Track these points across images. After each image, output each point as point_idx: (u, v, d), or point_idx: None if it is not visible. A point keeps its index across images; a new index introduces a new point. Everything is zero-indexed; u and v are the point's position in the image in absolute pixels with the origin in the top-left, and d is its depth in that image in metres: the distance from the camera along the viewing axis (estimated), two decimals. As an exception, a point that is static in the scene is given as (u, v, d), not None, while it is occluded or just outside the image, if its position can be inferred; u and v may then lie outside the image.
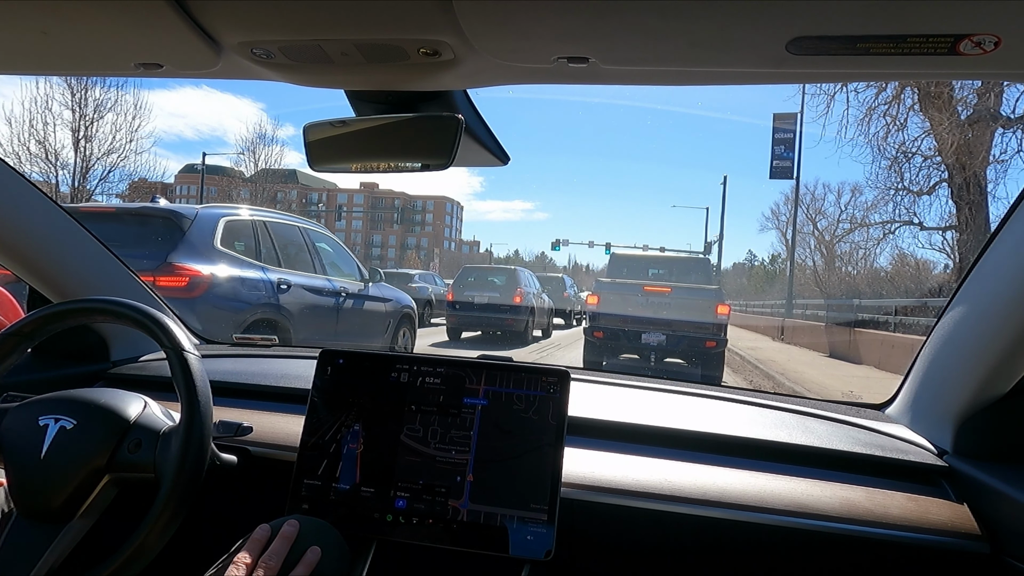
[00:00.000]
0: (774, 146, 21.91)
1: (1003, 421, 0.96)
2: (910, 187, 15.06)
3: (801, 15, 0.56)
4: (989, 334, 0.91)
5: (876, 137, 14.42)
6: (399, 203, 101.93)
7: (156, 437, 0.86)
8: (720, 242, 32.67)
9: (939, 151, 13.38)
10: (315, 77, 0.80)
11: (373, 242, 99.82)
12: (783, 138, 21.69)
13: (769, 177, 22.11)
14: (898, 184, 15.20)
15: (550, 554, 0.87)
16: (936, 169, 14.30)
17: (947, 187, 14.02)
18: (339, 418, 0.98)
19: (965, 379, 0.97)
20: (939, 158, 13.69)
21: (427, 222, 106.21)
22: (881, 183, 15.89)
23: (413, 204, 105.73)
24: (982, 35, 0.56)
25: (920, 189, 14.95)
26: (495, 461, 0.93)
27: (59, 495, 0.82)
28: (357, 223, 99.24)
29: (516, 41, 0.66)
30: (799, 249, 28.01)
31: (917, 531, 0.88)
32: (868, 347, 10.55)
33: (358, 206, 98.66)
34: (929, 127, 13.34)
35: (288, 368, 1.32)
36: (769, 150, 21.89)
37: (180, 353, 0.87)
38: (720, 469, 0.99)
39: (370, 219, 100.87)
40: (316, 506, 0.94)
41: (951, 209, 14.32)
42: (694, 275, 8.62)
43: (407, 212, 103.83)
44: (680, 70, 0.71)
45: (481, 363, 0.99)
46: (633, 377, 1.33)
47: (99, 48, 0.75)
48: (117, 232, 4.28)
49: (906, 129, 14.22)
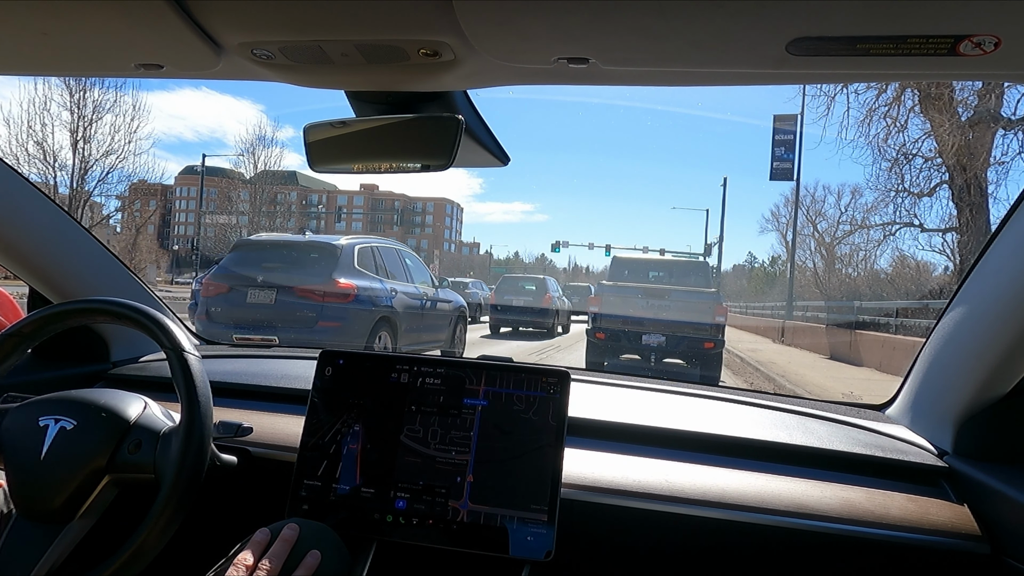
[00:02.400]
0: (774, 147, 21.80)
1: (1003, 422, 0.96)
2: (910, 189, 15.04)
3: (801, 16, 0.56)
4: (989, 335, 0.91)
5: (876, 138, 14.44)
6: (399, 205, 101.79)
7: (156, 438, 0.86)
8: (720, 244, 32.48)
9: (940, 152, 13.37)
10: (315, 78, 0.80)
11: None
12: (783, 140, 21.60)
13: (769, 179, 22.05)
14: (898, 186, 15.21)
15: (550, 555, 0.87)
16: (937, 171, 14.30)
17: (948, 189, 14.00)
18: (339, 419, 0.98)
19: (965, 380, 0.97)
20: (940, 160, 13.67)
21: (427, 224, 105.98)
22: (881, 185, 15.91)
23: (413, 206, 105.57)
24: (982, 36, 0.56)
25: (920, 191, 14.93)
26: (495, 462, 0.93)
27: (59, 496, 0.82)
28: (357, 225, 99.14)
29: (516, 42, 0.66)
30: (799, 251, 27.91)
31: (917, 532, 0.88)
32: (869, 349, 10.54)
33: (358, 207, 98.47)
34: (930, 128, 13.33)
35: (288, 369, 1.32)
36: (769, 152, 21.80)
37: (180, 354, 0.87)
38: (720, 470, 0.99)
39: (370, 221, 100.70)
40: (316, 507, 0.94)
41: (952, 211, 14.31)
42: (693, 278, 8.82)
43: (407, 214, 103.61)
44: (680, 71, 0.71)
45: (481, 364, 0.99)
46: (633, 378, 1.33)
47: (99, 49, 0.75)
48: (290, 258, 6.51)
49: (907, 130, 14.23)
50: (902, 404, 1.18)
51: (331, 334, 5.86)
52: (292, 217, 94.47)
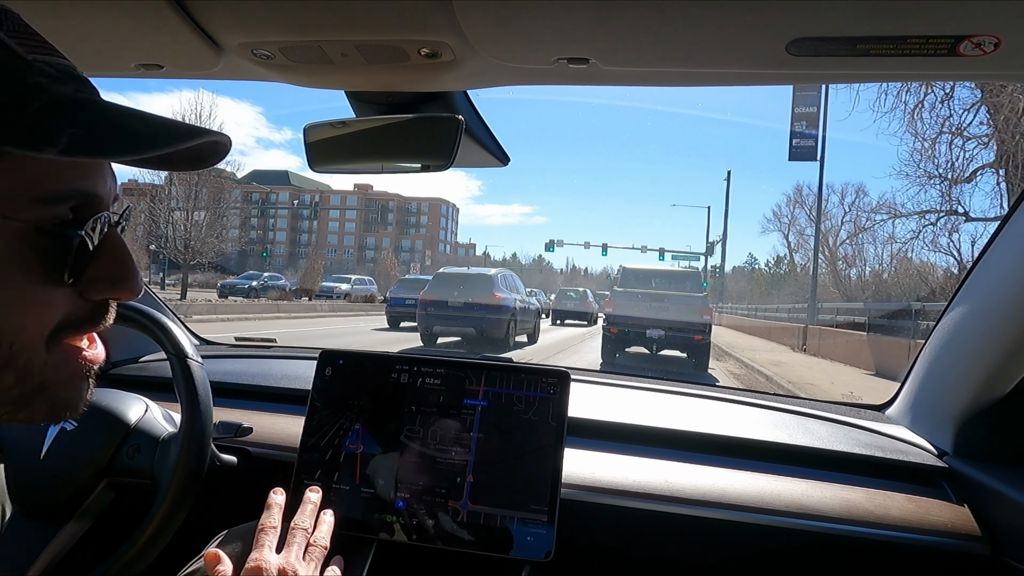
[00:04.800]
0: (794, 122, 18.15)
1: (1003, 422, 0.96)
2: (952, 174, 13.20)
3: (801, 16, 0.56)
4: (989, 335, 0.91)
5: (918, 110, 12.68)
6: (394, 204, 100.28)
7: (155, 443, 0.86)
8: (724, 241, 31.59)
9: (992, 120, 11.77)
10: (315, 78, 0.80)
11: (367, 244, 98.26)
12: (804, 112, 18.03)
13: (788, 159, 18.77)
14: (940, 171, 13.33)
15: (550, 555, 0.87)
16: (985, 149, 12.55)
17: (992, 173, 12.36)
18: (339, 419, 0.98)
19: (965, 380, 0.97)
20: (988, 137, 11.93)
21: (422, 224, 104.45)
22: (917, 169, 13.97)
23: (408, 206, 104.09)
24: (982, 36, 0.56)
25: (958, 176, 13.13)
26: (495, 462, 0.93)
27: (57, 496, 0.82)
28: (350, 225, 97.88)
29: (516, 42, 0.66)
30: (806, 250, 27.19)
31: (917, 532, 0.88)
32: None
33: (351, 207, 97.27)
34: (980, 97, 11.72)
35: (288, 369, 1.32)
36: (788, 128, 18.15)
37: (183, 359, 0.86)
38: (720, 470, 0.99)
39: (364, 221, 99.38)
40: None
41: (1002, 192, 12.51)
42: (688, 284, 11.33)
43: (402, 214, 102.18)
44: (680, 71, 0.71)
45: (481, 364, 0.99)
46: (633, 378, 1.33)
47: (100, 49, 0.75)
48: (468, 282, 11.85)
49: (951, 100, 12.44)
50: (902, 404, 1.18)
51: (490, 325, 10.94)
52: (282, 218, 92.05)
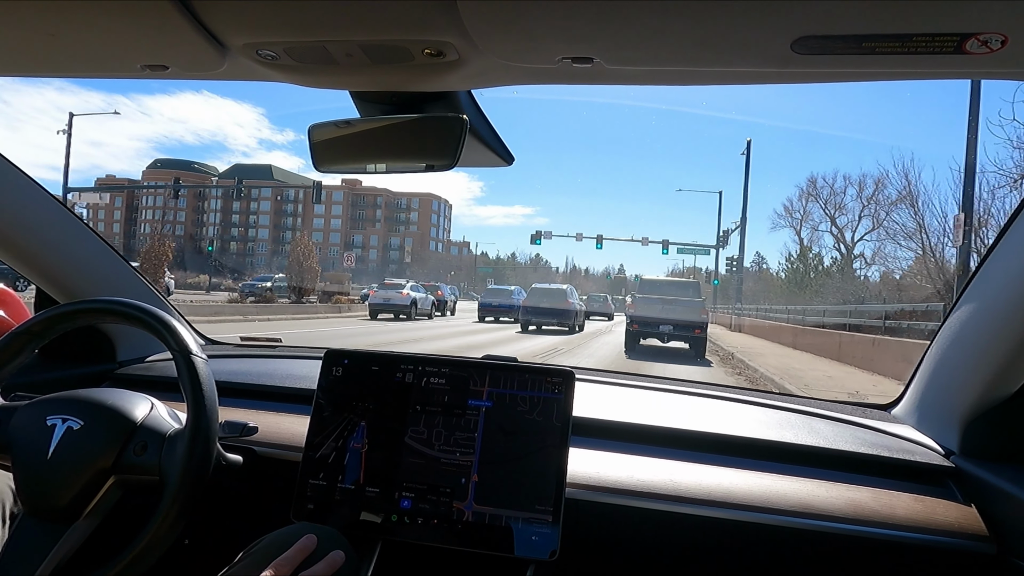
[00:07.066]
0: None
1: (1010, 422, 0.95)
2: None
3: (806, 15, 0.56)
4: (995, 335, 0.91)
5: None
6: (382, 200, 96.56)
7: (162, 440, 0.87)
8: (743, 227, 28.79)
9: None
10: (320, 78, 0.81)
11: (354, 242, 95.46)
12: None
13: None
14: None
15: (555, 554, 0.87)
16: None
17: None
18: (344, 418, 0.98)
19: (972, 379, 0.96)
20: None
21: (412, 221, 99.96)
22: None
23: (397, 202, 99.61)
24: (988, 34, 0.56)
25: None
26: (499, 462, 0.93)
27: (65, 495, 0.83)
28: (336, 222, 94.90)
29: (520, 42, 0.66)
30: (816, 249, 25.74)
31: (923, 532, 0.88)
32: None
33: (337, 203, 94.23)
34: None
35: (293, 368, 1.32)
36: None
37: (188, 357, 0.87)
38: (725, 469, 0.99)
39: (350, 218, 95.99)
40: (321, 506, 0.95)
41: None
42: (689, 291, 14.98)
43: (390, 210, 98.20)
44: (685, 70, 0.71)
45: (485, 364, 0.99)
46: (638, 377, 1.33)
47: (105, 50, 0.75)
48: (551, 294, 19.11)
49: None
50: (908, 404, 1.17)
51: (565, 318, 17.60)
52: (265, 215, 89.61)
